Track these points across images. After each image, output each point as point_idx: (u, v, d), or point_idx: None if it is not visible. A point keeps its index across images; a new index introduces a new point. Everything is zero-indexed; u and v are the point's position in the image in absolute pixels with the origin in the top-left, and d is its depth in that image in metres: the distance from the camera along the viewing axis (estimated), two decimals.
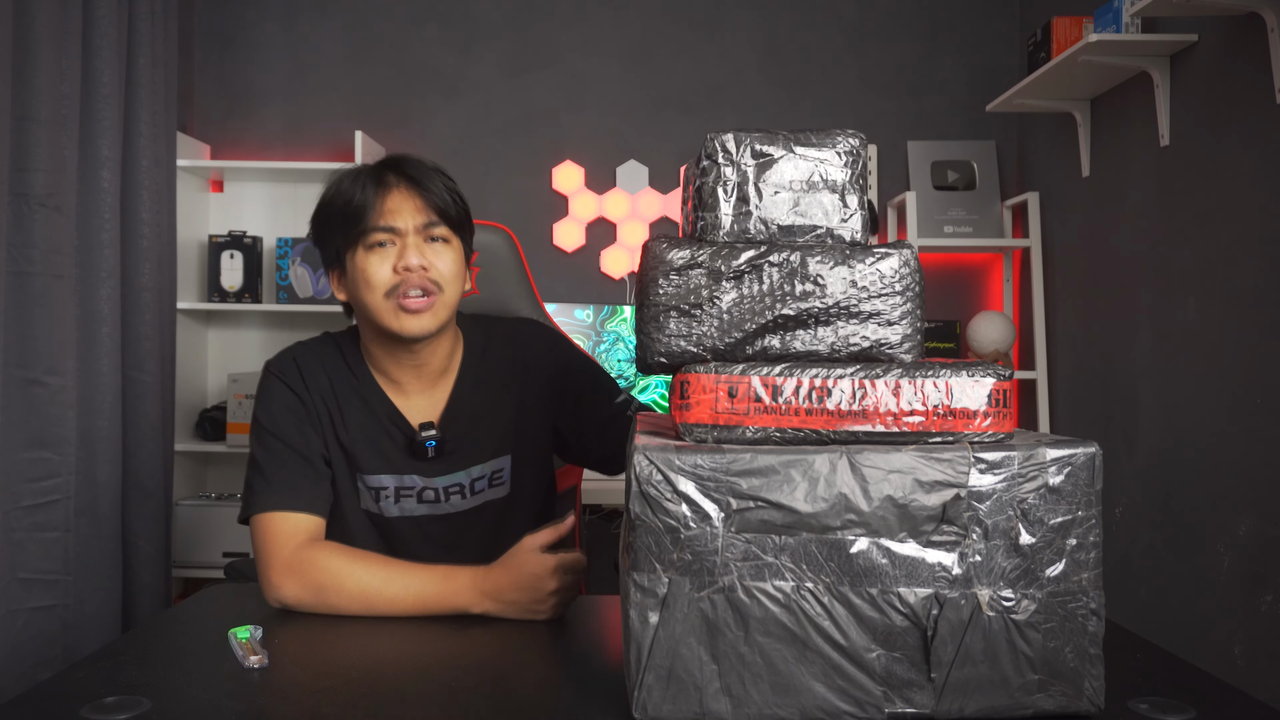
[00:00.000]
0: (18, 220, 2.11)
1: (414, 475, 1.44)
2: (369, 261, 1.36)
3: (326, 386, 1.43)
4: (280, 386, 1.41)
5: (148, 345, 2.55)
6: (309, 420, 1.40)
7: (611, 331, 3.05)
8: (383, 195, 1.36)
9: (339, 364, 1.45)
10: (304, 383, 1.42)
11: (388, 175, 1.38)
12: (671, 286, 0.96)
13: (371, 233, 1.35)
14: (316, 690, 0.98)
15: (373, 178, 1.38)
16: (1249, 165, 2.03)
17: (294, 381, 1.41)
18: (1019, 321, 3.15)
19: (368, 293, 1.36)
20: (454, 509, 1.46)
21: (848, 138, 1.00)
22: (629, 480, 0.89)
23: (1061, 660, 0.88)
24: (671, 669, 0.87)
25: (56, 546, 2.19)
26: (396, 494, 1.44)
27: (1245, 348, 2.03)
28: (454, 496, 1.46)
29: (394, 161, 1.40)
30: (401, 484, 1.44)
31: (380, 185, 1.37)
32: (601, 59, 3.33)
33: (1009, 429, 0.92)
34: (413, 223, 1.36)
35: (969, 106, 3.27)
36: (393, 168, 1.39)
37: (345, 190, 1.37)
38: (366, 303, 1.37)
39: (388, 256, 1.36)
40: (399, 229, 1.36)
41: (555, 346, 1.56)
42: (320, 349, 1.47)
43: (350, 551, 1.30)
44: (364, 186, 1.36)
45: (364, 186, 1.36)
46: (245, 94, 3.33)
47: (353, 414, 1.43)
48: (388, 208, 1.36)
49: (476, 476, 1.47)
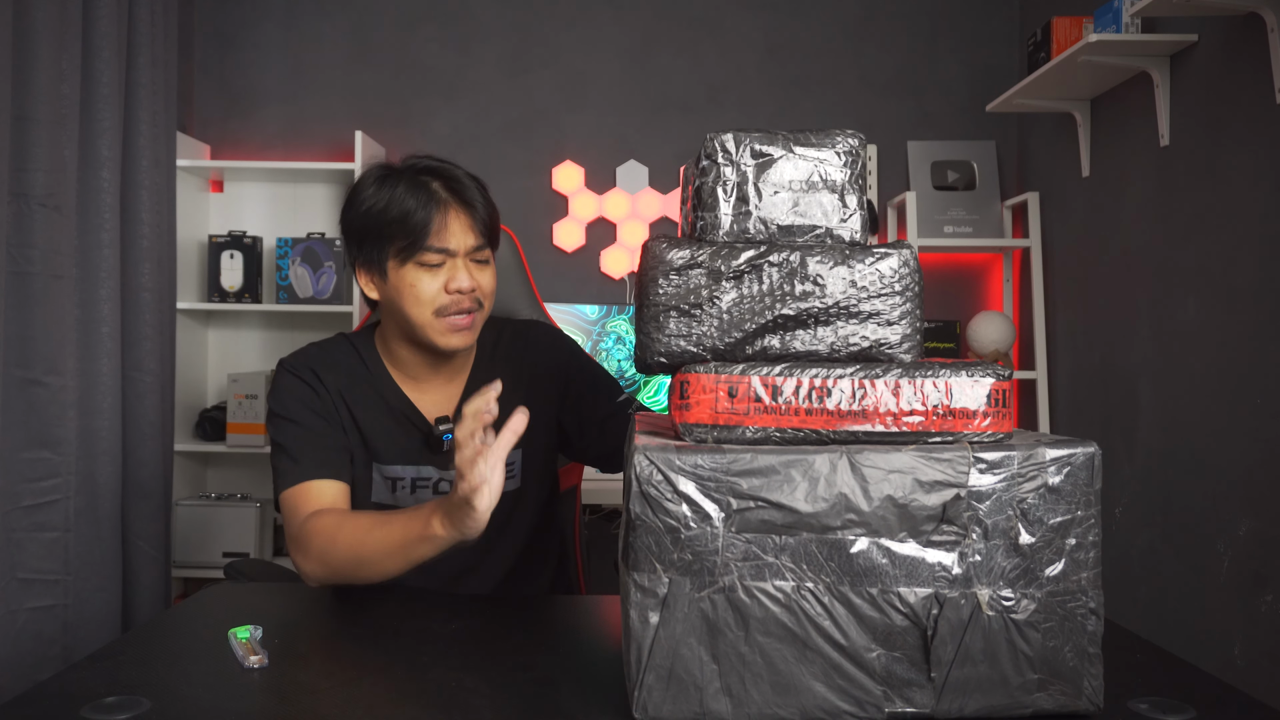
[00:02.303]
0: (18, 220, 2.11)
1: (429, 467, 1.49)
2: (420, 278, 1.39)
3: (343, 383, 1.47)
4: (294, 380, 1.45)
5: (148, 345, 2.55)
6: (323, 411, 1.44)
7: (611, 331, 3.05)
8: (440, 215, 1.39)
9: (355, 362, 1.49)
10: (319, 378, 1.46)
11: (438, 191, 1.40)
12: (671, 286, 0.96)
13: (427, 252, 1.39)
14: (316, 690, 0.98)
15: (425, 191, 1.39)
16: (1249, 165, 2.03)
17: (308, 377, 1.46)
18: (1019, 321, 3.15)
19: (415, 306, 1.40)
20: None
21: (847, 138, 1.00)
22: (629, 480, 0.89)
23: (1061, 660, 0.88)
24: (672, 669, 0.87)
25: (56, 546, 2.19)
26: (413, 485, 1.49)
27: (1245, 348, 2.03)
28: None
29: (441, 175, 1.42)
30: (419, 475, 1.49)
31: (436, 203, 1.39)
32: (601, 59, 3.33)
33: (1008, 429, 0.92)
34: (464, 245, 1.40)
35: (969, 106, 3.27)
36: (441, 181, 1.41)
37: (400, 201, 1.39)
38: (412, 315, 1.41)
39: (439, 275, 1.40)
40: (453, 250, 1.40)
41: (560, 346, 1.60)
42: (335, 348, 1.51)
43: (340, 513, 1.34)
44: (423, 203, 1.38)
45: (423, 203, 1.38)
46: (245, 94, 3.33)
47: (369, 409, 1.47)
48: (445, 228, 1.39)
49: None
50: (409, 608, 1.29)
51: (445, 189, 1.41)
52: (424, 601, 1.34)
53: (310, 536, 1.31)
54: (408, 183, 1.41)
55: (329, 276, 3.12)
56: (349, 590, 1.41)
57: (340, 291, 3.11)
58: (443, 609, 1.28)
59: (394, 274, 1.41)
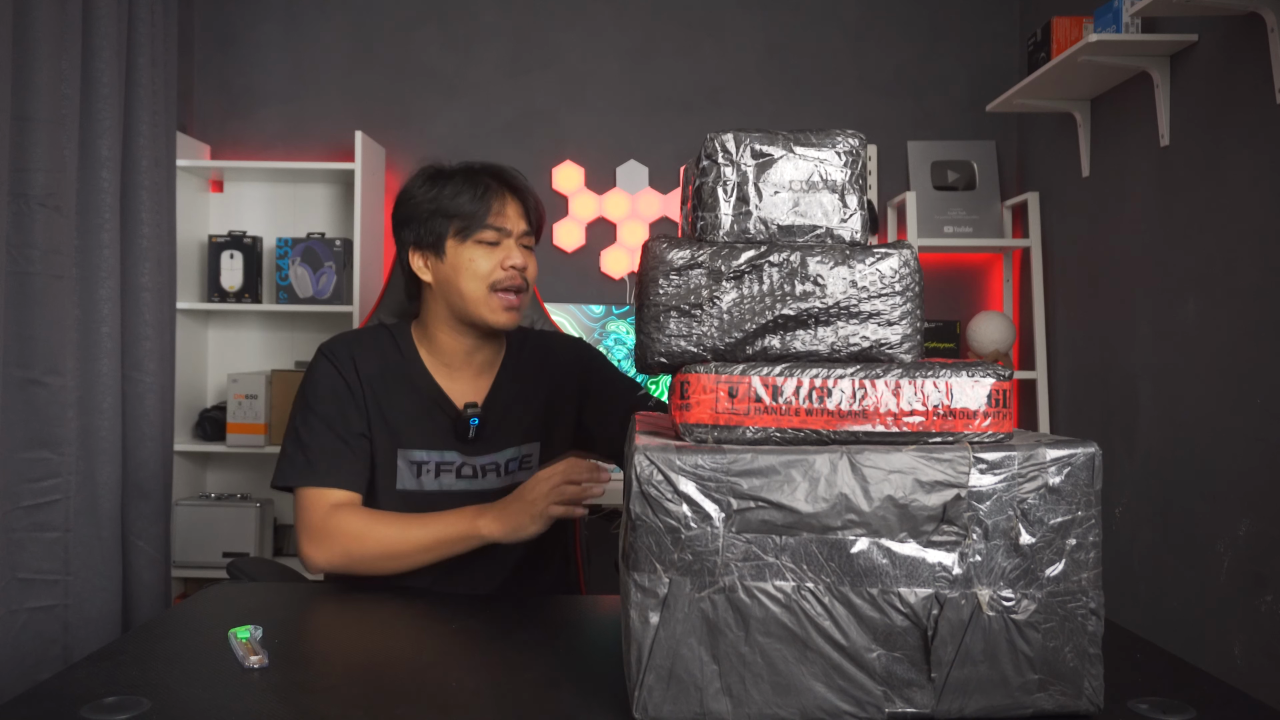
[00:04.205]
0: (18, 220, 2.11)
1: (454, 452, 1.56)
2: (477, 254, 1.52)
3: (377, 370, 1.56)
4: (328, 367, 1.54)
5: (148, 345, 2.54)
6: (352, 401, 1.53)
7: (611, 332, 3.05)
8: (499, 200, 1.53)
9: (391, 349, 1.59)
10: (354, 365, 1.54)
11: (492, 181, 1.55)
12: (671, 286, 0.96)
13: (486, 230, 1.52)
14: (316, 690, 0.98)
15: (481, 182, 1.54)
16: (1249, 165, 2.03)
17: (344, 363, 1.54)
18: (1019, 321, 3.15)
19: (472, 281, 1.51)
20: (489, 486, 1.57)
21: (847, 138, 1.00)
22: (629, 480, 0.89)
23: (1061, 660, 0.88)
24: (672, 669, 0.87)
25: (56, 546, 2.19)
26: (437, 469, 1.56)
27: (1245, 348, 2.03)
28: (490, 474, 1.58)
29: (493, 170, 1.57)
30: (442, 459, 1.56)
31: (493, 190, 1.54)
32: (601, 59, 3.33)
33: (1009, 429, 0.92)
34: (517, 227, 1.55)
35: (969, 106, 3.26)
36: (493, 174, 1.56)
37: (459, 190, 1.53)
38: (466, 291, 1.52)
39: (494, 254, 1.52)
40: (509, 230, 1.54)
41: (581, 349, 1.73)
42: (373, 336, 1.61)
43: (370, 512, 1.47)
44: (481, 191, 1.53)
45: (481, 191, 1.53)
46: (245, 94, 3.32)
47: (399, 395, 1.56)
48: (503, 211, 1.53)
49: (510, 458, 1.59)
50: (409, 608, 1.30)
51: (498, 180, 1.56)
52: (424, 601, 1.34)
53: (334, 532, 1.43)
54: (464, 175, 1.55)
55: (329, 276, 3.12)
56: (349, 590, 1.41)
57: (340, 291, 3.11)
58: (443, 609, 1.28)
59: (453, 252, 1.53)
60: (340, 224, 3.30)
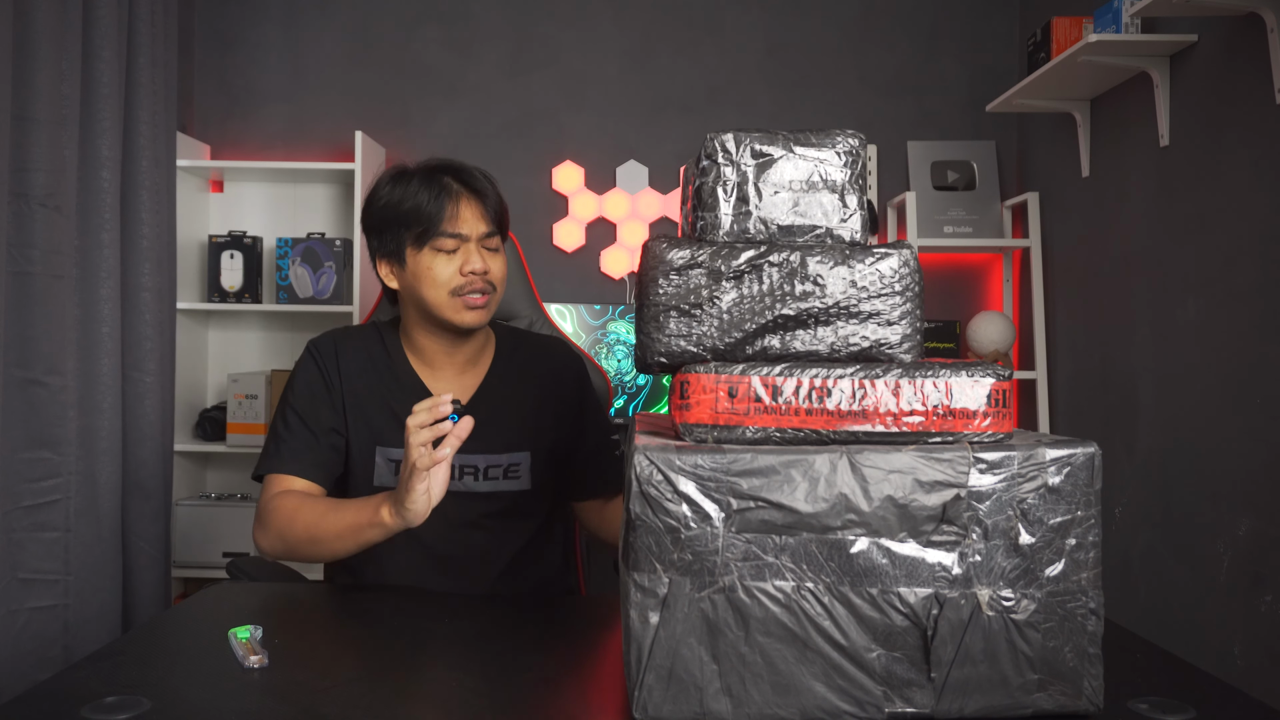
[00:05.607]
0: (18, 220, 2.11)
1: None
2: (436, 261, 1.49)
3: (361, 367, 1.56)
4: (310, 363, 1.56)
5: (148, 345, 2.54)
6: (328, 398, 1.53)
7: (611, 332, 3.05)
8: (453, 203, 1.49)
9: (378, 347, 1.58)
10: (337, 362, 1.55)
11: (450, 183, 1.50)
12: (671, 286, 0.96)
13: (441, 237, 1.48)
14: (316, 690, 0.98)
15: (438, 184, 1.49)
16: (1249, 165, 2.03)
17: (327, 360, 1.55)
18: (1019, 321, 3.15)
19: (431, 288, 1.49)
20: (467, 489, 1.54)
21: (847, 138, 1.00)
22: (629, 480, 0.89)
23: (1061, 660, 0.88)
24: (672, 669, 0.87)
25: (56, 546, 2.19)
26: None
27: (1245, 348, 2.03)
28: (467, 476, 1.54)
29: (453, 169, 1.52)
30: None
31: (448, 193, 1.49)
32: (601, 59, 3.33)
33: (1008, 429, 0.92)
34: (476, 231, 1.50)
35: (969, 106, 3.27)
36: (453, 174, 1.51)
37: (415, 194, 1.49)
38: (428, 297, 1.49)
39: (453, 260, 1.49)
40: (465, 235, 1.49)
41: (577, 364, 1.68)
42: (362, 334, 1.60)
43: (302, 497, 1.45)
44: (436, 194, 1.49)
45: (436, 194, 1.49)
46: (245, 94, 3.32)
47: (381, 391, 1.55)
48: (457, 215, 1.49)
49: (492, 464, 1.55)
50: (409, 608, 1.29)
51: (457, 181, 1.51)
52: (423, 601, 1.34)
53: (271, 516, 1.43)
54: (421, 177, 1.51)
55: (329, 276, 3.12)
56: (349, 590, 1.41)
57: (340, 291, 3.11)
58: (442, 609, 1.28)
59: (412, 260, 1.50)
60: (340, 224, 3.30)
